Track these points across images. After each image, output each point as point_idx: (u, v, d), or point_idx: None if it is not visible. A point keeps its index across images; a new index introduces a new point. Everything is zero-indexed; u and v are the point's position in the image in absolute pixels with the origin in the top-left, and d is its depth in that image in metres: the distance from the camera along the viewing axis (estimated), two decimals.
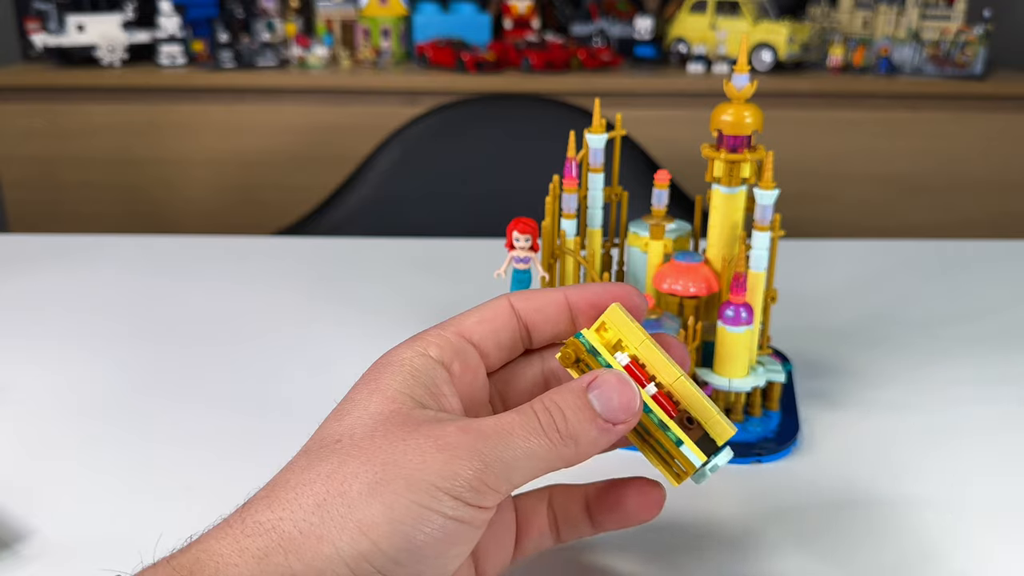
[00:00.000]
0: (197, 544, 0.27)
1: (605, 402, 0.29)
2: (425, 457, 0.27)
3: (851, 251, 0.81)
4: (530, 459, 0.28)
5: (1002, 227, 1.57)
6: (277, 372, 0.56)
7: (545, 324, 0.34)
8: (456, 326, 0.33)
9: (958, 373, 0.55)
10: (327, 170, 1.40)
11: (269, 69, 1.62)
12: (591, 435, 0.29)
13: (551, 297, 0.34)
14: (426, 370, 0.31)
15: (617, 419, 0.30)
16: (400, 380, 0.30)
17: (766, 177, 0.45)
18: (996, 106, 1.56)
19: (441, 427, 0.28)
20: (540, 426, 0.29)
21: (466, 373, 0.32)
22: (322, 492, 0.27)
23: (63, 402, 0.51)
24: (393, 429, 0.28)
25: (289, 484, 0.28)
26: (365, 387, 0.30)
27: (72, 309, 0.65)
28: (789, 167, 1.50)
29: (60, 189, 1.58)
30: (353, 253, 0.79)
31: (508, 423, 0.28)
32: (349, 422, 0.29)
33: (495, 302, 0.34)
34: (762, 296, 0.48)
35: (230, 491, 0.43)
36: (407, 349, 0.32)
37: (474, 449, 0.27)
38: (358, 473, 0.27)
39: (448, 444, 0.27)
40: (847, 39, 1.71)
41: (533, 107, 1.22)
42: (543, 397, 0.30)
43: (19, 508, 0.41)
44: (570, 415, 0.29)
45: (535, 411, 0.29)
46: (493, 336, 0.33)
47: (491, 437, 0.28)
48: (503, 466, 0.27)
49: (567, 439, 0.29)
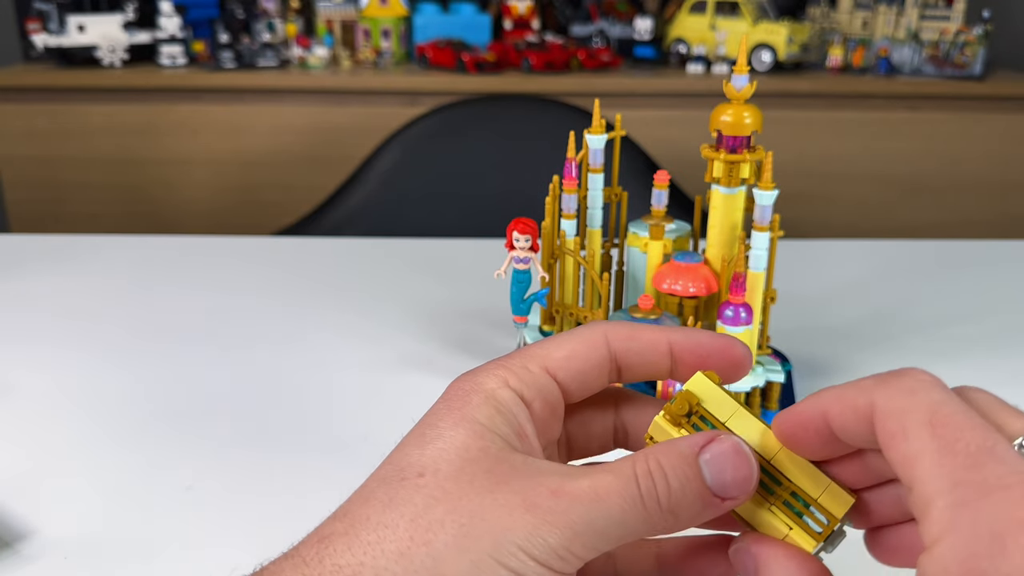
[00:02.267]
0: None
1: (717, 473, 0.26)
2: (514, 517, 0.25)
3: (851, 251, 0.81)
4: (622, 528, 0.26)
5: (1002, 227, 1.57)
6: (277, 372, 0.56)
7: (641, 367, 0.31)
8: (542, 359, 0.30)
9: (958, 373, 0.55)
10: (327, 170, 1.40)
11: (270, 69, 1.62)
12: (695, 509, 0.26)
13: (653, 340, 0.30)
14: (510, 405, 0.29)
15: (728, 494, 0.26)
16: (486, 414, 0.28)
17: (765, 177, 0.45)
18: (996, 106, 1.56)
19: (532, 483, 0.26)
20: (640, 494, 0.26)
21: (545, 410, 0.30)
22: (406, 539, 0.26)
23: (63, 402, 0.51)
24: (480, 475, 0.26)
25: (370, 523, 0.26)
26: (449, 415, 0.28)
27: (72, 309, 0.65)
28: (788, 167, 1.50)
29: (60, 189, 1.58)
30: (353, 253, 0.79)
31: (605, 489, 0.26)
32: (432, 454, 0.27)
33: (590, 333, 0.31)
34: (761, 296, 0.48)
35: (230, 491, 0.43)
36: (490, 378, 0.29)
37: (566, 516, 0.25)
38: (444, 522, 0.26)
39: (537, 506, 0.25)
40: (846, 39, 1.72)
41: (533, 107, 1.22)
42: (647, 456, 0.27)
43: (19, 508, 0.41)
44: (675, 485, 0.26)
45: (637, 475, 0.26)
46: (580, 376, 0.30)
47: (584, 503, 0.25)
48: (593, 535, 0.26)
49: (667, 513, 0.26)
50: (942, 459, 0.22)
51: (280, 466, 0.43)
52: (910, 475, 0.23)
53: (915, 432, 0.23)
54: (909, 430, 0.23)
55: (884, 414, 0.24)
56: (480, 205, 1.12)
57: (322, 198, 1.16)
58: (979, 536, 0.20)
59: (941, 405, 0.23)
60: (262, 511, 0.41)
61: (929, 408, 0.23)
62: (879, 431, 0.24)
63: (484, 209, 1.07)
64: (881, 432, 0.24)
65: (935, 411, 0.23)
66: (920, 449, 0.22)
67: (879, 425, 0.24)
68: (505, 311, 0.53)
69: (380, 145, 1.16)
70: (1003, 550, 0.20)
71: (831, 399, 0.26)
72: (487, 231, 0.77)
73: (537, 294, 0.52)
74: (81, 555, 0.38)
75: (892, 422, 0.23)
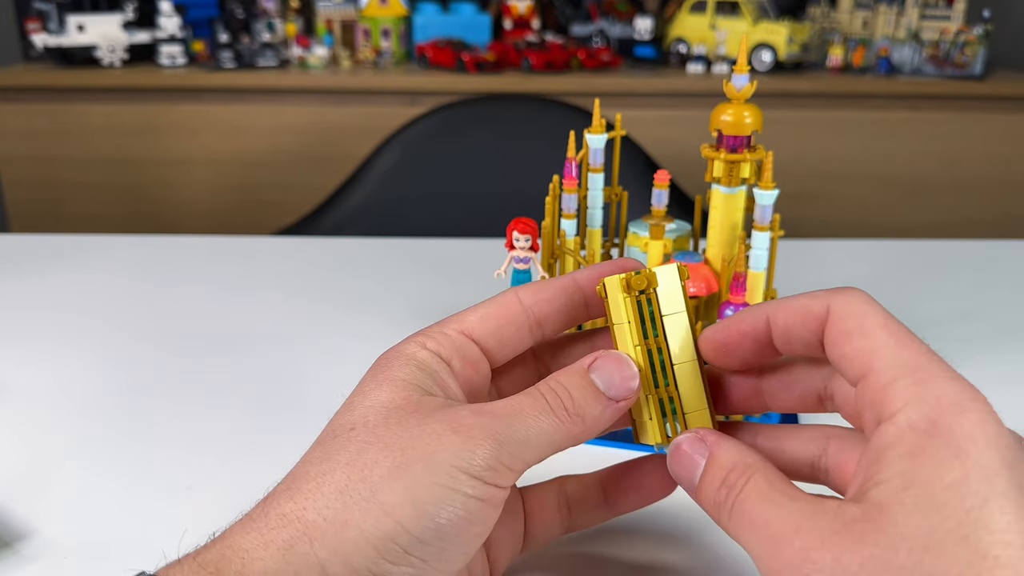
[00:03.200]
0: (221, 540, 0.28)
1: (607, 379, 0.30)
2: (442, 440, 0.28)
3: (851, 251, 0.81)
4: (541, 437, 0.29)
5: (1002, 227, 1.57)
6: (277, 372, 0.56)
7: (556, 314, 0.34)
8: (458, 323, 0.33)
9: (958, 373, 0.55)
10: (327, 170, 1.40)
11: (269, 69, 1.62)
12: (596, 412, 0.30)
13: (560, 284, 0.34)
14: (429, 362, 0.31)
15: (620, 396, 0.30)
16: (407, 371, 0.31)
17: (766, 177, 0.45)
18: (996, 106, 1.56)
19: (454, 411, 0.29)
20: (549, 406, 0.30)
21: (467, 368, 0.32)
22: (343, 479, 0.27)
23: (63, 402, 0.51)
24: (407, 417, 0.29)
25: (309, 475, 0.28)
26: (372, 379, 0.31)
27: (72, 309, 0.65)
28: (789, 167, 1.50)
29: (60, 189, 1.58)
30: (353, 253, 0.79)
31: (518, 404, 0.29)
32: (361, 412, 0.30)
33: (502, 297, 0.34)
34: (762, 296, 0.48)
35: (231, 490, 0.43)
36: (409, 344, 0.32)
37: (488, 430, 0.28)
38: (378, 459, 0.28)
39: (463, 426, 0.28)
40: (847, 39, 1.71)
41: (533, 107, 1.22)
42: (548, 379, 0.31)
43: (19, 508, 0.41)
44: (576, 395, 0.30)
45: (542, 392, 0.30)
46: (496, 332, 0.33)
47: (503, 418, 0.29)
48: (517, 445, 0.28)
49: (575, 417, 0.30)
50: (900, 351, 0.26)
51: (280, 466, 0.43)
52: (867, 364, 0.27)
53: (873, 332, 0.27)
54: (868, 329, 0.27)
55: (841, 316, 0.28)
56: (480, 205, 1.12)
57: (322, 198, 1.16)
58: (942, 403, 0.25)
59: (889, 316, 0.28)
60: None
61: (882, 316, 0.28)
62: (832, 330, 0.28)
63: (484, 209, 1.07)
64: (835, 331, 0.28)
65: (887, 318, 0.28)
66: (879, 344, 0.27)
67: (834, 326, 0.28)
68: None
69: (380, 145, 1.16)
70: (962, 412, 0.24)
71: (775, 306, 0.30)
72: (487, 231, 0.77)
73: None
74: (81, 555, 0.38)
75: (850, 322, 0.28)
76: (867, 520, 0.24)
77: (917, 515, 0.23)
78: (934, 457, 0.24)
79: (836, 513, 0.25)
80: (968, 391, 0.25)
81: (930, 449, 0.24)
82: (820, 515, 0.25)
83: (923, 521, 0.23)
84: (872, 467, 0.25)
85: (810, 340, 0.29)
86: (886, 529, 0.23)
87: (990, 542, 0.22)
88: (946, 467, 0.23)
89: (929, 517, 0.23)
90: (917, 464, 0.24)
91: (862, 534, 0.23)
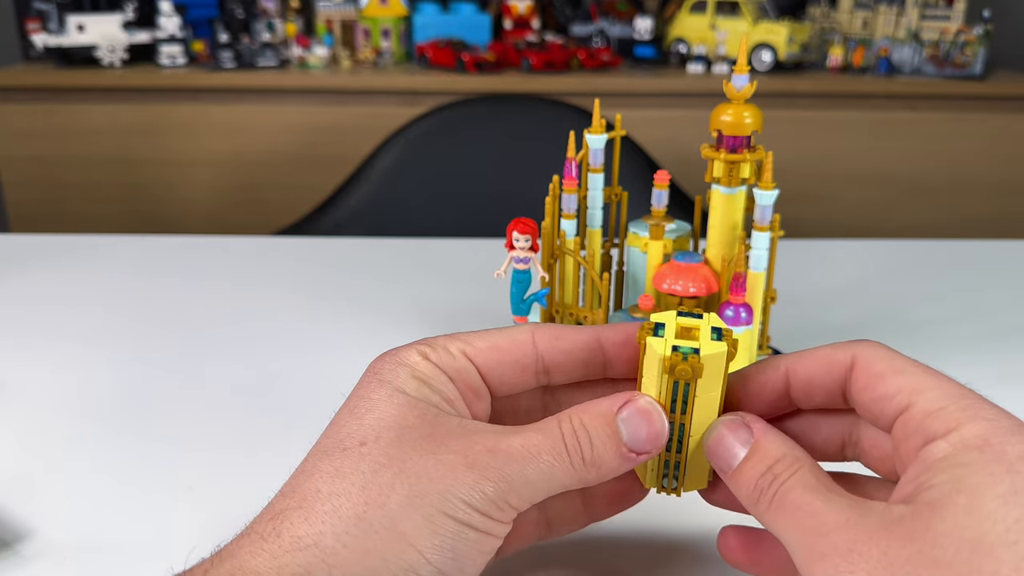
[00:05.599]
0: (230, 560, 0.27)
1: (633, 431, 0.29)
2: (456, 474, 0.27)
3: (851, 251, 0.81)
4: (552, 482, 0.29)
5: (1002, 227, 1.57)
6: (277, 372, 0.56)
7: (570, 366, 0.32)
8: (463, 344, 0.32)
9: (958, 373, 0.55)
10: (327, 170, 1.40)
11: (269, 69, 1.62)
12: (613, 464, 0.29)
13: (582, 338, 0.32)
14: (434, 376, 0.30)
15: (642, 449, 0.29)
16: (413, 386, 0.30)
17: (765, 177, 0.45)
18: (996, 106, 1.56)
19: (468, 441, 0.28)
20: (566, 451, 0.29)
21: (467, 392, 0.32)
22: (360, 503, 0.27)
23: (63, 402, 0.51)
24: (421, 441, 0.28)
25: (322, 494, 0.27)
26: (379, 388, 0.30)
27: (72, 309, 0.65)
28: (789, 167, 1.50)
29: (60, 189, 1.58)
30: (353, 253, 0.79)
31: (535, 446, 0.28)
32: (371, 425, 0.29)
33: (518, 332, 0.32)
34: (762, 296, 0.48)
35: (231, 490, 0.43)
36: (410, 352, 0.31)
37: (501, 471, 0.28)
38: (393, 484, 0.27)
39: (477, 463, 0.28)
40: (847, 39, 1.71)
41: (533, 107, 1.22)
42: (571, 416, 0.29)
43: (19, 508, 0.41)
44: (597, 442, 0.29)
45: (563, 433, 0.29)
46: (499, 368, 0.32)
47: (518, 460, 0.28)
48: (527, 488, 0.28)
49: (590, 467, 0.29)
50: (941, 384, 0.27)
51: (281, 466, 0.43)
52: (907, 399, 0.27)
53: (908, 370, 0.28)
54: (902, 368, 0.28)
55: (869, 362, 0.29)
56: (480, 205, 1.12)
57: (322, 198, 1.16)
58: (994, 426, 0.25)
59: (916, 361, 0.28)
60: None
61: (909, 359, 0.28)
62: (862, 376, 0.28)
63: (484, 209, 1.07)
64: (865, 376, 0.28)
65: (915, 361, 0.28)
66: (918, 380, 0.27)
67: (864, 371, 0.29)
68: (505, 311, 0.53)
69: (380, 145, 1.16)
70: (1014, 434, 0.25)
71: (795, 359, 0.30)
72: (487, 231, 0.77)
73: (537, 294, 0.52)
74: (81, 555, 0.38)
75: (880, 365, 0.28)
76: (916, 518, 0.24)
77: (968, 517, 0.23)
78: (986, 469, 0.24)
79: (884, 511, 0.25)
80: (1015, 419, 0.26)
81: (982, 462, 0.24)
82: (868, 511, 0.25)
83: (973, 523, 0.23)
84: (922, 476, 0.25)
85: (832, 389, 0.29)
86: (936, 527, 0.24)
87: None
88: (997, 479, 0.24)
89: (980, 520, 0.23)
90: (969, 472, 0.24)
91: (911, 531, 0.24)
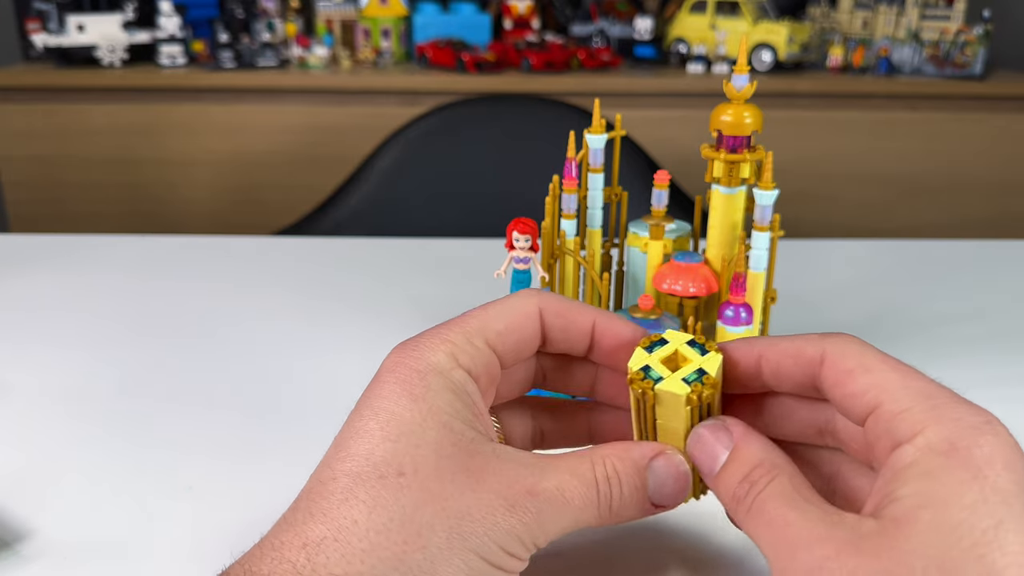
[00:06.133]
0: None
1: (659, 487, 0.30)
2: (496, 517, 0.28)
3: (851, 251, 0.81)
4: (576, 524, 0.29)
5: (1002, 227, 1.57)
6: (277, 372, 0.56)
7: (563, 343, 0.33)
8: (483, 333, 0.31)
9: (958, 373, 0.55)
10: (327, 170, 1.40)
11: (269, 69, 1.62)
12: (634, 513, 0.30)
13: (580, 321, 0.33)
14: (464, 385, 0.30)
15: (664, 504, 0.30)
16: (447, 400, 0.29)
17: (765, 177, 0.45)
18: (996, 106, 1.56)
19: (507, 480, 0.28)
20: (597, 499, 0.29)
21: (490, 386, 0.32)
22: (400, 543, 0.26)
23: (63, 402, 0.51)
24: (460, 473, 0.28)
25: (359, 528, 0.27)
26: (413, 404, 0.29)
27: (72, 309, 0.65)
28: (789, 167, 1.50)
29: (60, 189, 1.58)
30: (353, 253, 0.79)
31: (571, 491, 0.29)
32: (406, 450, 0.28)
33: (523, 304, 0.32)
34: (762, 296, 0.48)
35: (231, 490, 0.43)
36: (438, 354, 0.30)
37: (539, 516, 0.28)
38: (434, 525, 0.27)
39: (517, 505, 0.28)
40: (847, 39, 1.71)
41: (533, 107, 1.22)
42: (605, 461, 0.30)
43: (19, 508, 0.41)
44: (626, 491, 0.30)
45: (596, 479, 0.29)
46: (516, 347, 0.32)
47: (554, 506, 0.29)
48: (555, 529, 0.29)
49: (615, 515, 0.30)
50: (907, 382, 0.27)
51: (281, 466, 0.43)
52: (876, 398, 0.27)
53: (876, 367, 0.27)
54: (870, 366, 0.27)
55: (839, 357, 0.28)
56: (480, 205, 1.12)
57: (322, 198, 1.16)
58: (960, 425, 0.25)
59: (887, 355, 0.28)
60: (263, 511, 0.41)
61: (880, 354, 0.28)
62: (832, 372, 0.28)
63: (484, 209, 1.07)
64: (835, 372, 0.28)
65: (885, 356, 0.28)
66: (885, 378, 0.27)
67: (834, 367, 0.28)
68: None
69: (380, 145, 1.16)
70: (981, 434, 0.24)
71: (767, 344, 0.30)
72: (487, 231, 0.77)
73: None
74: (81, 555, 0.38)
75: (849, 361, 0.28)
76: (883, 535, 0.24)
77: (933, 533, 0.23)
78: (952, 477, 0.24)
79: (854, 525, 0.25)
80: (984, 414, 0.25)
81: (948, 470, 0.24)
82: (839, 525, 0.25)
83: (939, 539, 0.23)
84: (889, 485, 0.25)
85: (801, 381, 0.29)
86: (901, 545, 0.23)
87: (1004, 564, 0.22)
88: (964, 488, 0.23)
89: (945, 536, 0.23)
90: (935, 483, 0.24)
91: (877, 548, 0.24)
